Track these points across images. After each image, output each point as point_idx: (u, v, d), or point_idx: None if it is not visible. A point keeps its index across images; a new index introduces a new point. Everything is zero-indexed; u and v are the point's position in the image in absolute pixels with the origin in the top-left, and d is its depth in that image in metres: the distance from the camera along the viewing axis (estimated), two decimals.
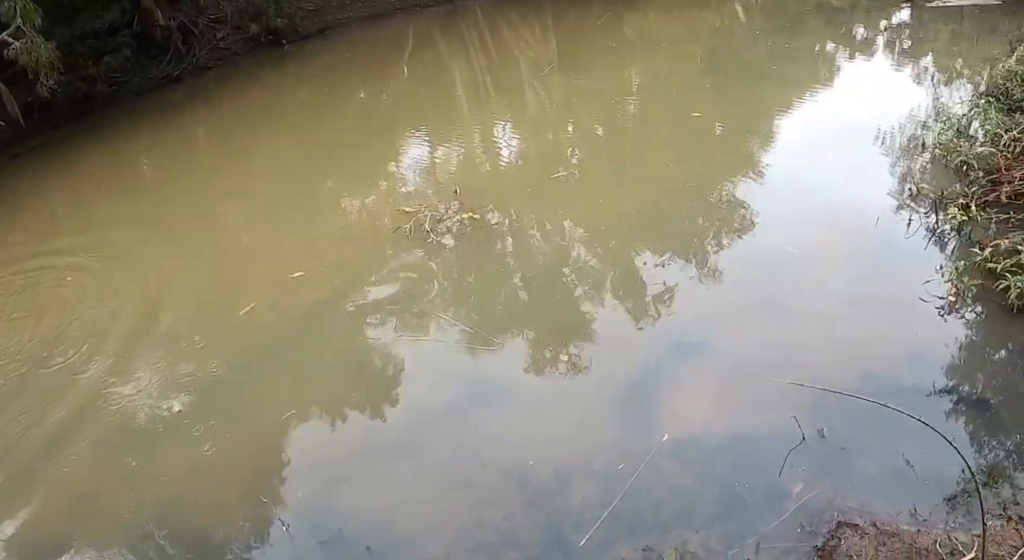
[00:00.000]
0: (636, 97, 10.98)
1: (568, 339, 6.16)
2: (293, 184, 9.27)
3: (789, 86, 10.97)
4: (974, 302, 6.14)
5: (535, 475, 5.01)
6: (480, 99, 10.87)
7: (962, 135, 8.48)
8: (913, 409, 5.11)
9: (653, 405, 5.50)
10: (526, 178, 8.47)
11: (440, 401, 5.75)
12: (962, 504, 4.47)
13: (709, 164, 8.69)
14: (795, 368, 5.59)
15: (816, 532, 4.37)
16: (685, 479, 4.83)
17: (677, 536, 4.46)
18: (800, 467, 4.78)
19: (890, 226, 7.15)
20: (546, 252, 7.21)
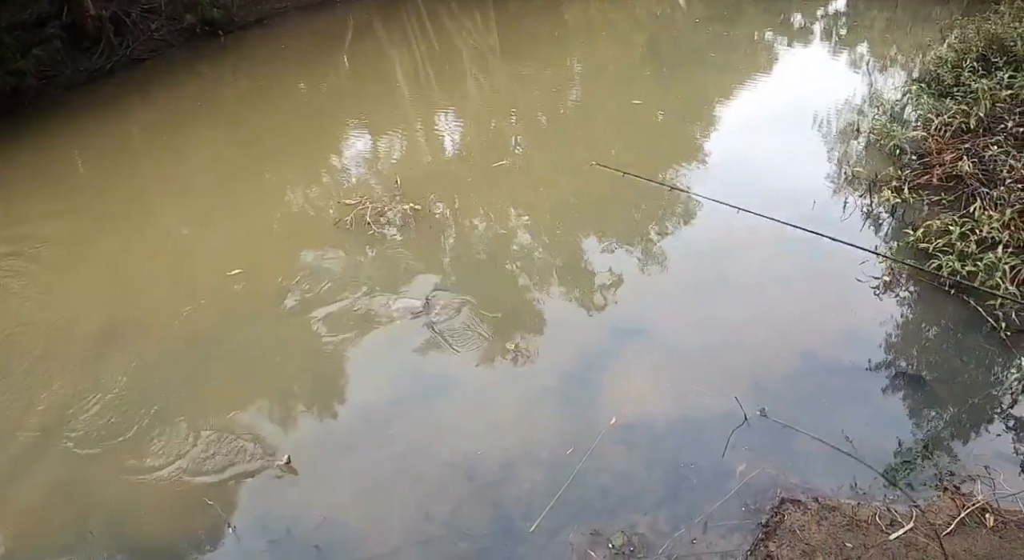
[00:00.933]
0: (578, 85, 11.02)
1: (511, 327, 6.14)
2: (232, 178, 9.06)
3: (728, 73, 11.12)
4: (908, 281, 6.32)
5: (483, 465, 4.98)
6: (422, 89, 10.76)
7: (895, 120, 8.72)
8: (851, 385, 5.31)
9: (599, 390, 5.52)
10: (469, 167, 8.42)
11: (383, 394, 5.68)
12: (900, 478, 4.59)
13: (651, 150, 8.76)
14: (735, 349, 5.72)
15: (760, 509, 4.44)
16: (631, 463, 4.87)
17: (625, 519, 4.49)
18: (743, 447, 4.85)
19: (827, 209, 7.32)
20: (489, 241, 7.18)
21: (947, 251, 6.23)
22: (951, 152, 7.74)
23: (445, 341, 5.98)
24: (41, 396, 5.99)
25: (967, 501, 4.37)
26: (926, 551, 4.09)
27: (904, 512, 4.34)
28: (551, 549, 4.39)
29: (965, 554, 4.07)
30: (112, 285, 7.44)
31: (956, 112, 8.30)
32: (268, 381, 5.94)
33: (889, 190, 7.26)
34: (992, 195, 6.95)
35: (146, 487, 5.14)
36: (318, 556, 4.57)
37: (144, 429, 5.56)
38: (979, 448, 4.82)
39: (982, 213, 6.57)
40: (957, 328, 5.81)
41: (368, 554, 4.55)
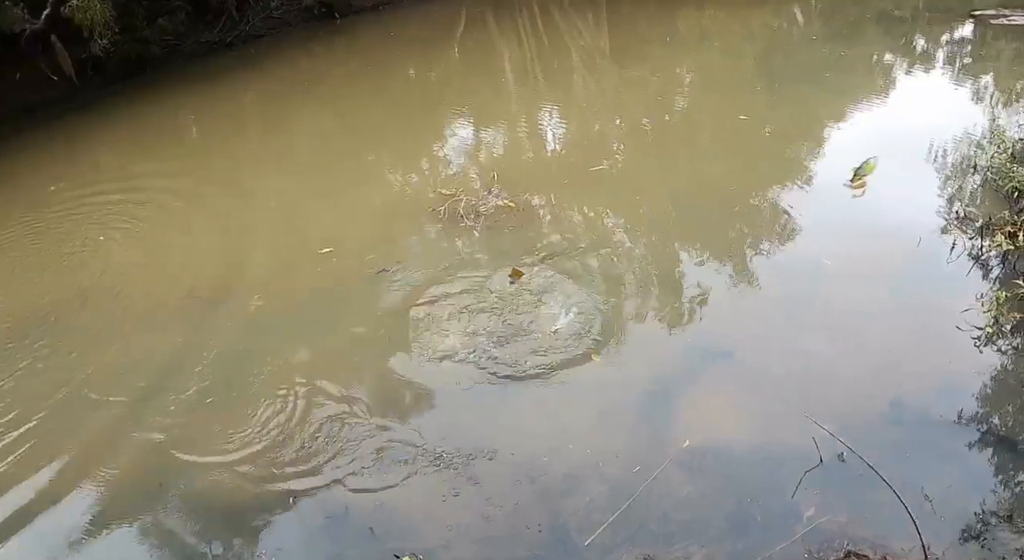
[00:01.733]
0: (685, 93, 10.82)
1: (595, 333, 6.08)
2: (333, 156, 9.29)
3: (843, 94, 10.71)
4: (1012, 335, 5.96)
5: (548, 471, 4.97)
6: (528, 85, 10.76)
7: (1016, 160, 8.21)
8: (938, 439, 5.05)
9: (675, 410, 5.43)
10: (567, 168, 8.37)
11: (457, 387, 5.70)
12: (978, 544, 4.35)
13: (753, 168, 8.53)
14: (822, 385, 5.51)
15: (824, 559, 4.28)
16: (697, 490, 4.78)
17: (681, 548, 4.41)
18: (815, 490, 4.68)
19: (933, 248, 6.95)
20: (580, 245, 7.11)
21: None
22: None
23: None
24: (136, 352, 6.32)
25: None
26: None
27: None
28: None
29: None
30: (210, 247, 7.74)
31: None
32: (340, 358, 6.07)
33: (1002, 235, 6.84)
34: None
35: (220, 449, 5.34)
36: (371, 538, 4.67)
37: (232, 391, 5.78)
38: None
39: None
40: None
41: (420, 544, 4.60)
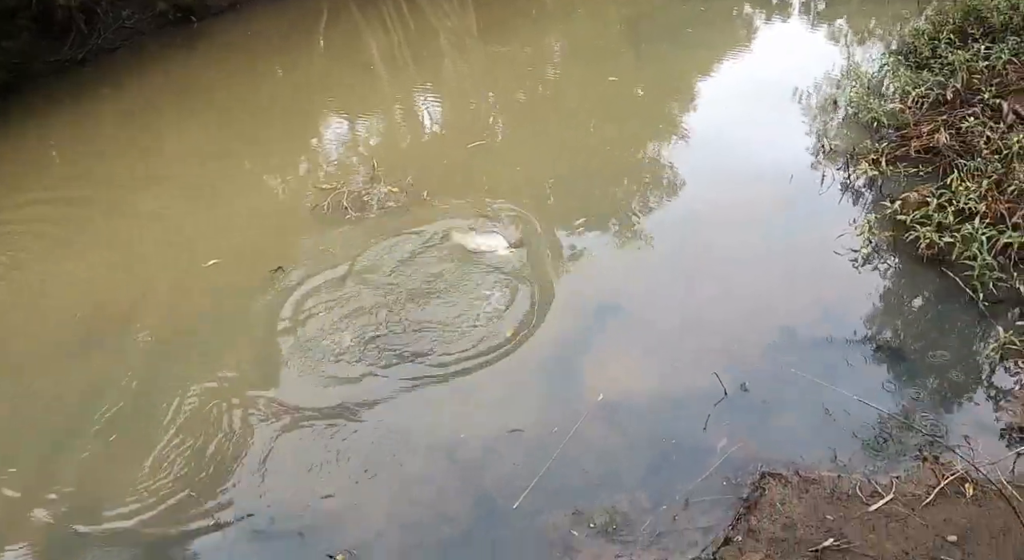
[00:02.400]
0: (555, 63, 10.94)
1: (495, 305, 6.09)
2: (208, 166, 8.93)
3: (706, 49, 11.06)
4: (886, 254, 6.33)
5: (466, 447, 4.96)
6: (399, 71, 10.62)
7: (873, 93, 8.71)
8: (830, 358, 5.31)
9: (583, 369, 5.49)
10: (446, 149, 8.33)
11: (364, 378, 5.60)
12: (879, 449, 4.61)
13: (628, 127, 8.71)
14: (715, 325, 5.70)
15: (741, 484, 4.45)
16: (613, 441, 4.86)
17: (607, 497, 4.48)
18: (724, 422, 4.85)
19: (805, 183, 7.32)
20: (466, 221, 7.09)
21: (925, 223, 6.23)
22: (928, 124, 7.74)
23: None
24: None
25: (946, 471, 4.39)
26: (906, 522, 4.11)
27: (884, 483, 4.36)
28: (533, 529, 4.38)
29: (944, 524, 4.09)
30: (91, 275, 7.33)
31: (933, 84, 8.32)
32: (245, 367, 5.87)
33: (867, 163, 7.26)
34: (969, 166, 6.96)
35: (123, 480, 5.09)
36: (302, 544, 4.55)
37: (128, 418, 5.51)
38: (958, 418, 4.84)
39: (959, 185, 6.57)
40: (935, 299, 5.83)
41: (352, 540, 4.52)
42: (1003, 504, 4.19)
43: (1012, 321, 5.42)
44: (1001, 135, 7.28)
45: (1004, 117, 7.73)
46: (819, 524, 4.12)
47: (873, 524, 4.11)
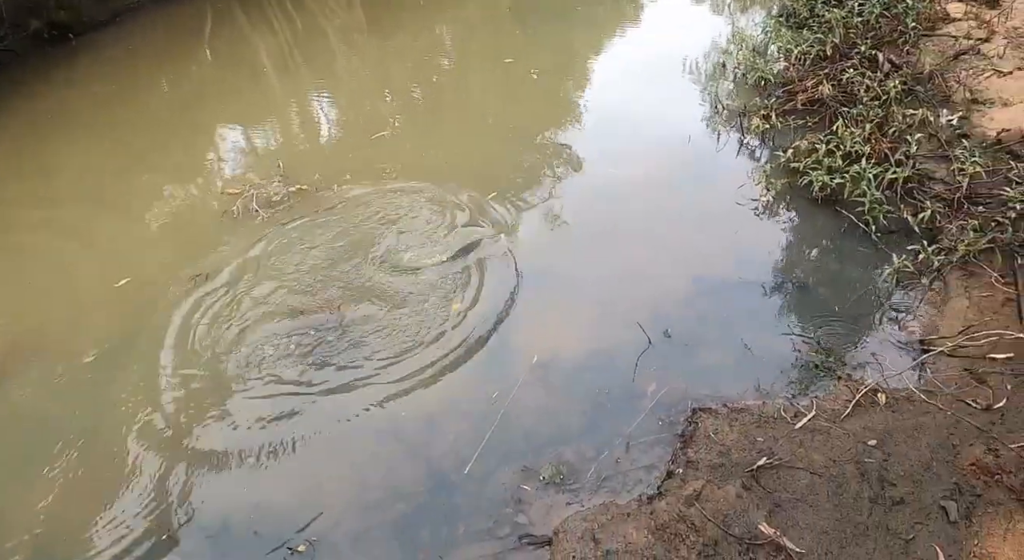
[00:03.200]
0: (449, 50, 11.02)
1: (423, 285, 6.14)
2: (107, 188, 8.59)
3: (598, 26, 11.37)
4: (784, 199, 6.72)
5: (409, 425, 5.01)
6: (291, 73, 10.48)
7: (759, 55, 9.15)
8: (743, 299, 5.63)
9: (515, 334, 5.60)
10: (349, 143, 8.30)
11: (300, 376, 5.53)
12: (798, 375, 4.93)
13: (528, 107, 8.88)
14: (634, 282, 5.93)
15: (675, 422, 4.68)
16: (551, 399, 5.00)
17: (551, 452, 4.63)
18: (652, 368, 5.09)
19: (703, 143, 7.69)
20: (375, 211, 7.10)
21: (816, 167, 6.64)
22: (812, 78, 8.21)
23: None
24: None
25: (859, 385, 4.74)
26: (829, 434, 4.42)
27: (806, 404, 4.67)
28: (485, 492, 4.49)
29: (864, 431, 4.42)
30: None
31: (813, 41, 8.82)
32: (181, 373, 5.72)
33: (758, 119, 7.66)
34: (852, 113, 7.44)
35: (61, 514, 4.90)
36: (258, 542, 4.50)
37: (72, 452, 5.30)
38: (866, 338, 5.22)
39: (844, 130, 7.02)
40: (833, 236, 6.23)
41: (309, 531, 4.50)
42: (912, 406, 4.55)
43: (903, 248, 5.84)
44: (879, 83, 7.80)
45: (880, 66, 8.28)
46: (751, 447, 4.38)
47: (800, 440, 4.40)
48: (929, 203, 6.13)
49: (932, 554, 3.78)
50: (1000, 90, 7.78)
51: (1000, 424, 4.39)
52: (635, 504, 4.22)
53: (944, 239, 5.84)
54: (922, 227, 5.99)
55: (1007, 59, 8.25)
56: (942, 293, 5.54)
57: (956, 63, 8.47)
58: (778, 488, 4.16)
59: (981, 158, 6.49)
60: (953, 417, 4.47)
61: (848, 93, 7.86)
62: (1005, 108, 7.47)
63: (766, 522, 3.97)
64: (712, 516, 4.02)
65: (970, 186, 6.23)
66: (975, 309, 5.29)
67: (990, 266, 5.56)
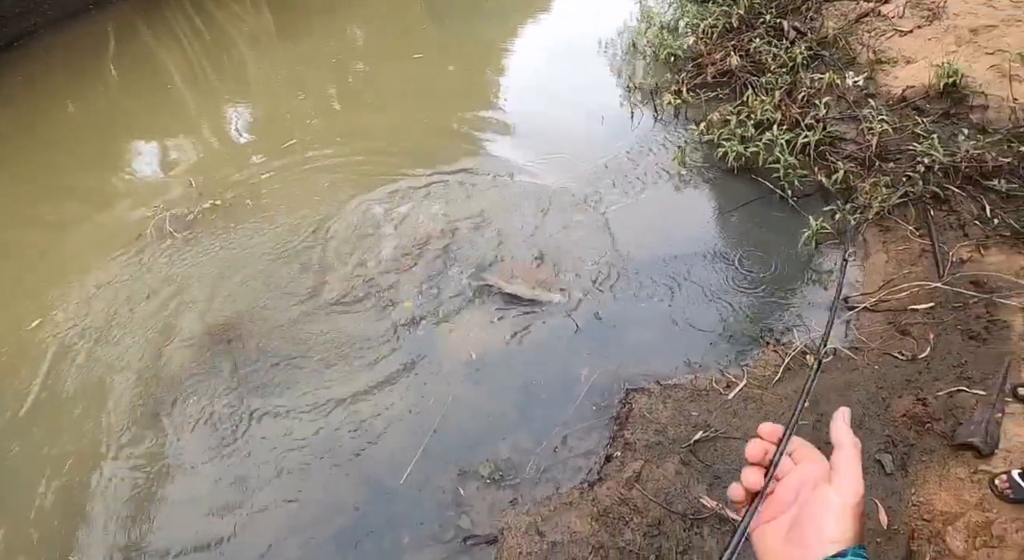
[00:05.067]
0: (360, 51, 10.81)
1: (335, 301, 5.97)
2: (10, 221, 8.23)
3: (509, 16, 11.31)
4: (701, 172, 6.75)
5: (344, 440, 4.86)
6: (201, 86, 10.14)
7: (669, 32, 9.20)
8: (668, 274, 5.62)
9: (440, 336, 5.48)
10: (262, 154, 8.04)
11: (222, 400, 5.31)
12: (727, 345, 4.93)
13: (443, 100, 8.75)
14: (558, 263, 5.86)
15: (610, 405, 4.64)
16: (485, 397, 4.92)
17: (488, 450, 4.55)
18: (583, 353, 5.03)
19: (618, 122, 7.69)
20: (292, 219, 6.88)
21: (730, 138, 6.68)
22: (720, 51, 8.27)
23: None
24: None
25: (788, 350, 4.76)
26: (762, 400, 4.43)
27: (737, 373, 4.67)
28: (426, 497, 4.39)
29: (795, 393, 4.44)
30: None
31: (719, 14, 8.89)
32: (105, 426, 5.43)
33: (670, 94, 7.69)
34: (761, 82, 7.52)
35: None
36: None
37: None
38: (791, 301, 5.27)
39: (755, 99, 7.08)
40: (752, 204, 6.27)
41: (251, 556, 4.34)
42: (841, 364, 4.59)
43: (820, 210, 5.91)
44: (785, 50, 7.91)
45: (786, 34, 8.39)
46: (687, 422, 4.36)
47: (734, 410, 4.39)
48: (842, 164, 6.21)
49: (872, 508, 3.80)
50: (902, 49, 7.94)
51: (926, 373, 4.46)
52: (576, 493, 4.16)
53: (859, 197, 5.93)
54: (837, 188, 6.06)
55: (906, 18, 8.42)
56: (862, 250, 5.62)
57: (858, 26, 8.61)
58: (716, 460, 4.14)
59: (888, 116, 6.60)
60: (881, 371, 4.52)
61: (757, 63, 7.94)
62: (908, 65, 7.62)
63: (707, 495, 3.95)
64: (654, 495, 3.99)
65: (880, 144, 6.33)
66: (894, 263, 5.37)
67: (905, 220, 5.65)
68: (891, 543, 3.68)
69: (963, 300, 4.83)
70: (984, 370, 4.36)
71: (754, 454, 1.21)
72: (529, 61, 9.78)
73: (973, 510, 3.68)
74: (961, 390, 4.26)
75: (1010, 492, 3.61)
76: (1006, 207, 5.56)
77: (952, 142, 6.07)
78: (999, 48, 7.26)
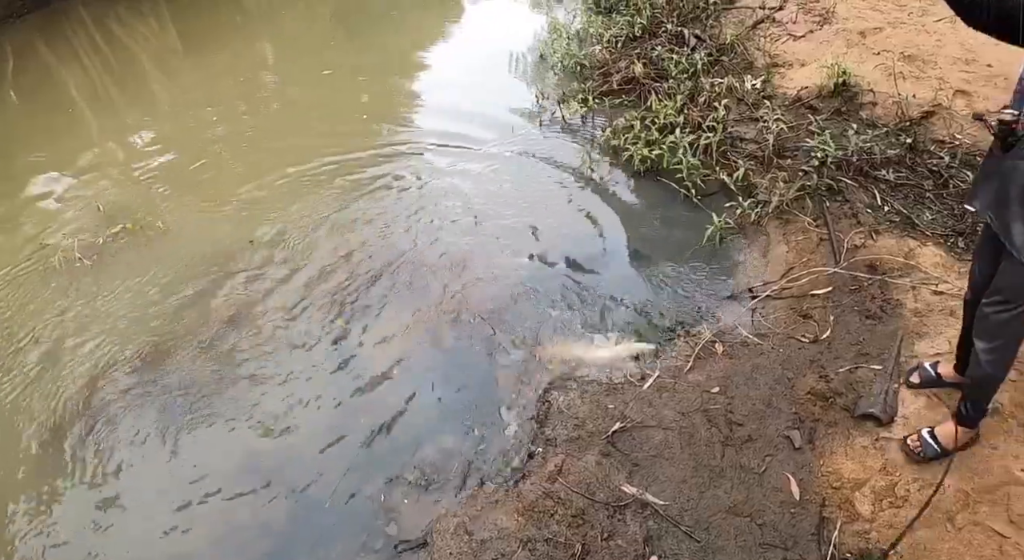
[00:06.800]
0: (270, 68, 10.68)
1: (243, 317, 5.90)
2: None
3: (421, 30, 11.43)
4: (609, 176, 6.98)
5: (271, 475, 4.76)
6: (104, 107, 9.86)
7: (577, 42, 9.46)
8: (581, 275, 5.77)
9: (359, 359, 5.45)
10: (171, 173, 7.85)
11: (142, 429, 5.17)
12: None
13: (355, 116, 8.74)
14: (469, 277, 5.94)
15: (529, 404, 4.73)
16: (407, 407, 4.93)
17: (414, 458, 4.58)
18: (503, 354, 5.14)
19: (527, 133, 7.85)
20: (204, 238, 6.76)
21: (635, 142, 6.91)
22: (624, 59, 8.54)
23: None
24: None
25: (698, 339, 4.95)
26: (675, 389, 4.59)
27: (650, 365, 4.83)
28: (354, 510, 4.36)
29: (706, 380, 4.62)
30: None
31: (623, 24, 9.18)
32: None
33: (576, 103, 7.91)
34: (665, 88, 7.79)
35: None
36: None
37: None
38: (700, 293, 5.48)
39: (658, 105, 7.34)
40: (659, 205, 6.50)
41: None
42: (748, 350, 4.80)
43: (724, 207, 6.16)
44: (687, 57, 8.21)
45: (687, 41, 8.72)
46: (604, 415, 4.48)
47: (649, 400, 4.54)
48: (742, 162, 6.49)
49: (784, 481, 3.99)
50: (796, 53, 8.34)
51: (828, 353, 4.69)
52: (502, 490, 4.23)
53: (759, 193, 6.21)
54: (738, 185, 6.33)
55: (800, 23, 8.85)
56: (764, 242, 5.88)
57: (755, 32, 9.01)
58: (634, 449, 4.27)
59: (785, 116, 6.93)
60: (785, 354, 4.74)
61: (660, 69, 8.21)
62: (802, 68, 8.00)
63: (628, 483, 4.07)
64: (576, 487, 4.08)
65: (777, 142, 6.63)
66: (794, 252, 5.64)
67: (802, 212, 5.93)
68: (804, 512, 3.86)
69: (859, 283, 5.11)
70: (880, 346, 4.62)
71: None
72: (439, 71, 9.89)
73: (877, 475, 3.90)
74: (860, 366, 4.50)
75: (920, 450, 3.85)
76: (894, 195, 5.90)
77: (844, 137, 6.40)
78: (885, 49, 7.71)
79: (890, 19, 8.42)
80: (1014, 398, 4.10)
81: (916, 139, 6.31)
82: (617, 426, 4.36)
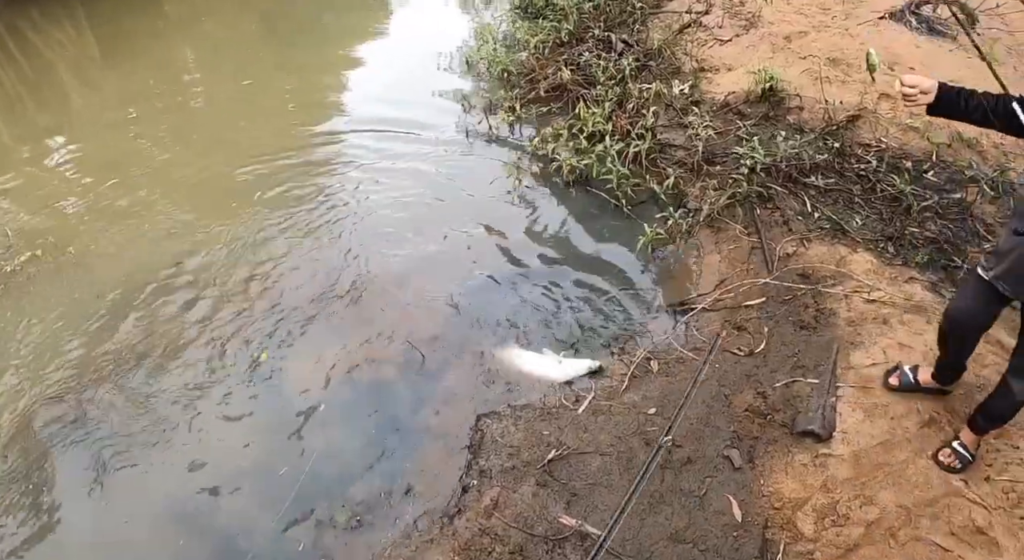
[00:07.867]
0: (192, 79, 10.20)
1: (166, 350, 5.53)
2: None
3: (347, 35, 11.15)
4: (537, 187, 6.83)
5: (191, 512, 4.45)
6: (19, 119, 9.22)
7: (504, 48, 9.29)
8: (507, 290, 5.58)
9: (293, 384, 5.17)
10: (89, 196, 7.40)
11: (53, 478, 4.78)
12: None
13: (278, 127, 8.35)
14: (395, 293, 5.71)
15: (462, 434, 4.51)
16: (337, 444, 4.65)
17: (345, 496, 4.32)
18: (431, 383, 4.90)
19: (453, 143, 7.65)
20: (119, 264, 6.35)
21: (564, 151, 6.76)
22: (552, 66, 8.40)
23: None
24: None
25: (632, 358, 4.81)
26: (611, 411, 4.45)
27: (585, 387, 4.67)
28: (285, 554, 4.09)
29: (643, 401, 4.49)
30: None
31: (550, 30, 9.05)
32: None
33: (503, 111, 7.74)
34: (592, 94, 7.67)
35: None
36: None
37: None
38: (632, 308, 5.35)
39: (586, 112, 7.20)
40: (588, 216, 6.38)
41: None
42: (684, 367, 4.69)
43: (654, 217, 6.06)
44: (614, 63, 8.11)
45: (614, 47, 8.64)
46: (539, 442, 4.31)
47: (584, 424, 4.39)
48: (672, 170, 6.41)
49: (726, 503, 3.87)
50: (723, 57, 8.35)
51: (764, 366, 4.62)
52: (436, 528, 4.02)
53: (690, 202, 6.13)
54: (669, 194, 6.25)
55: (726, 28, 8.87)
56: (696, 253, 5.79)
57: (682, 36, 9.00)
58: (572, 477, 4.11)
59: (713, 121, 6.90)
60: (721, 369, 4.65)
61: (587, 76, 8.11)
62: (729, 72, 8.00)
63: (566, 514, 3.90)
64: (513, 521, 3.90)
65: (706, 149, 6.59)
66: (727, 262, 5.57)
67: (734, 220, 5.88)
68: (747, 534, 3.76)
69: (792, 292, 5.06)
70: (816, 358, 4.57)
71: None
72: (366, 78, 9.65)
73: (818, 493, 3.82)
74: (796, 380, 4.43)
75: (957, 464, 3.80)
76: (824, 201, 5.91)
77: (772, 143, 6.39)
78: (810, 53, 7.75)
79: (815, 23, 8.49)
80: (948, 405, 4.10)
81: (843, 143, 6.32)
82: (553, 454, 4.19)
